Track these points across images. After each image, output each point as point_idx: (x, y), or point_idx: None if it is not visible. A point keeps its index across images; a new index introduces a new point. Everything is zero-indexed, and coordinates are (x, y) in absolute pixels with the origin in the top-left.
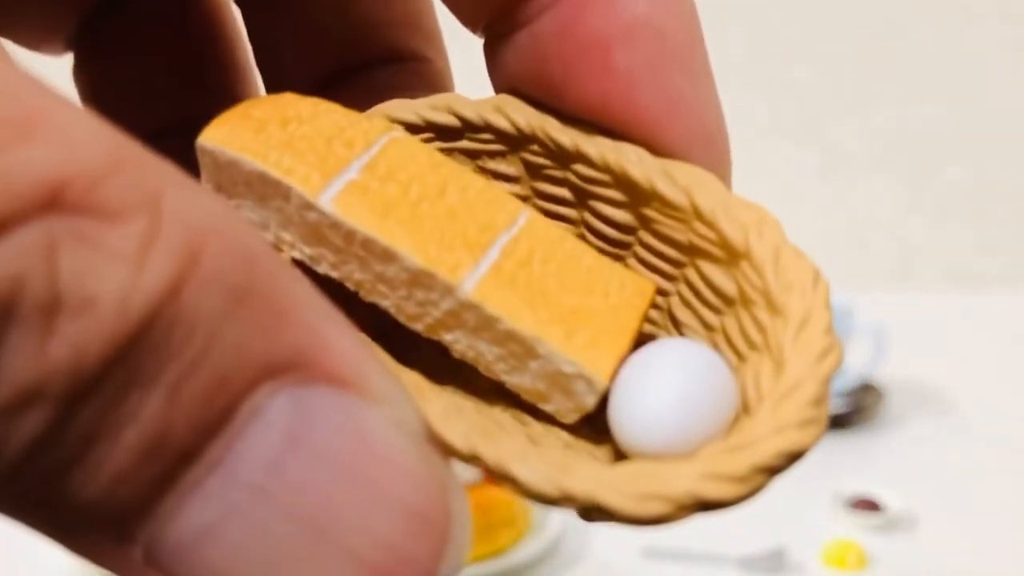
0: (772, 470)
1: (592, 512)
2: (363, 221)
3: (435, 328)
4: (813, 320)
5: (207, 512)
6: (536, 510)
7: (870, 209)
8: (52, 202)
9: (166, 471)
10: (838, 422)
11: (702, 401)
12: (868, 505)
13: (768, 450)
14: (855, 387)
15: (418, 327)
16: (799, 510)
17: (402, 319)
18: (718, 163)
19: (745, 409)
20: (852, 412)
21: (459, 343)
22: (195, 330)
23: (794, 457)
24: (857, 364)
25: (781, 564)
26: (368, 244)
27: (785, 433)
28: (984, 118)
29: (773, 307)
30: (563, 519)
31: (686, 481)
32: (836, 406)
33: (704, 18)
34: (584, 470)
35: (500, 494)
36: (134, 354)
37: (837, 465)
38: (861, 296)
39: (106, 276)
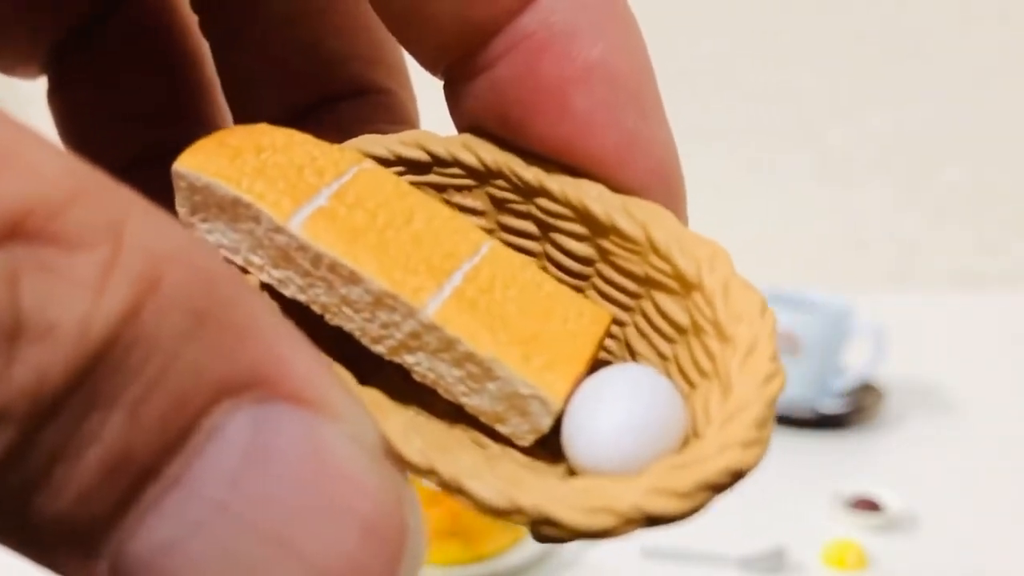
0: (716, 487)
1: (541, 525)
2: (330, 245)
3: (397, 350)
4: (759, 347)
5: (169, 528)
6: None
7: (869, 210)
8: (14, 231)
9: (128, 489)
10: (838, 422)
11: (651, 423)
12: (868, 505)
13: (712, 468)
14: (855, 387)
15: (381, 349)
16: (799, 510)
17: (366, 341)
18: (673, 198)
19: (695, 433)
20: (852, 412)
21: (420, 365)
22: (154, 352)
23: (737, 475)
24: (857, 364)
25: (781, 564)
26: (334, 267)
27: (729, 452)
28: (982, 119)
29: (722, 336)
30: None
31: (633, 496)
32: (836, 406)
33: (702, 21)
34: (535, 485)
35: None
36: (94, 376)
37: (837, 465)
38: (861, 297)
39: (67, 302)
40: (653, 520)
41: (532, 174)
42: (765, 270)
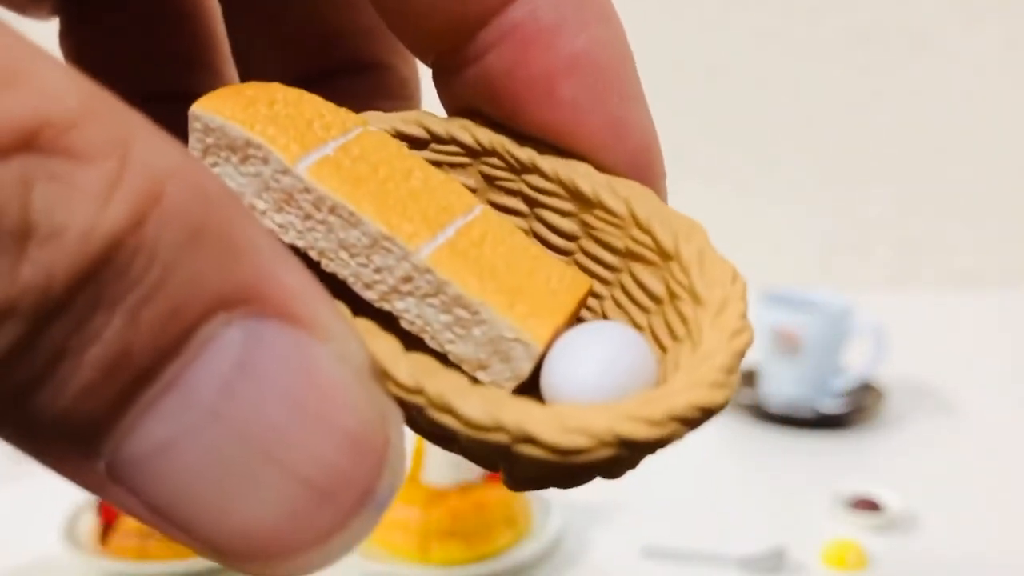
0: (685, 420)
1: (521, 443)
2: (333, 188)
3: (388, 296)
4: (730, 307)
5: (163, 429)
6: (536, 510)
7: (870, 210)
8: (28, 143)
9: (126, 389)
10: (838, 422)
11: (625, 368)
12: (868, 505)
13: (682, 401)
14: (855, 387)
15: (372, 296)
16: (799, 510)
17: (358, 288)
18: (654, 177)
19: (666, 382)
20: (852, 412)
21: (409, 312)
22: (154, 261)
23: (705, 411)
24: (857, 364)
25: (781, 564)
26: (335, 209)
27: (698, 389)
28: (984, 119)
29: (696, 299)
30: (563, 519)
31: (607, 420)
32: (836, 406)
33: (703, 20)
34: (517, 405)
35: (500, 495)
36: (97, 280)
37: (837, 465)
38: (861, 296)
39: (74, 209)
40: (626, 444)
41: (525, 153)
42: (765, 270)
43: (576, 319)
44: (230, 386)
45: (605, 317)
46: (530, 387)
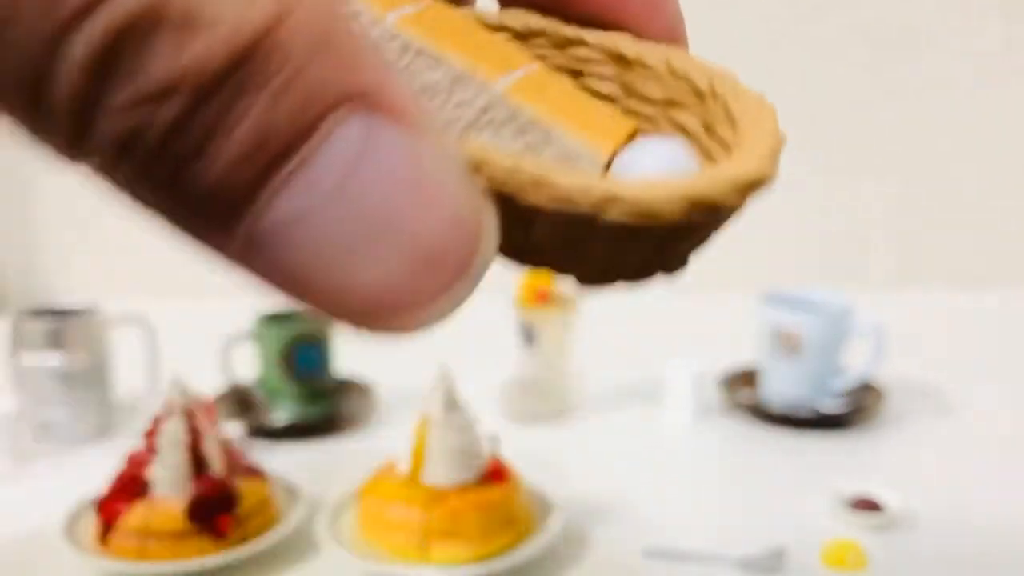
0: (743, 187)
1: (608, 203)
2: (417, 35)
3: (467, 129)
4: (765, 118)
5: (297, 202)
6: (537, 511)
7: (870, 210)
8: None
9: (266, 165)
10: (838, 422)
11: (681, 164)
12: (868, 505)
13: (740, 171)
14: (855, 387)
15: (451, 132)
16: (799, 510)
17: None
18: (685, 44)
19: None
20: (852, 412)
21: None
22: (289, 58)
23: (757, 182)
24: (857, 364)
25: (781, 564)
26: (421, 52)
27: (751, 162)
28: (985, 119)
29: (733, 123)
30: (564, 520)
31: (681, 184)
32: (836, 406)
33: (705, 20)
34: (605, 181)
35: (501, 494)
36: (245, 67)
37: (837, 465)
38: (861, 296)
39: (226, 6)
40: (697, 204)
41: (570, 31)
42: (766, 270)
43: (627, 140)
44: (353, 167)
45: None
46: None
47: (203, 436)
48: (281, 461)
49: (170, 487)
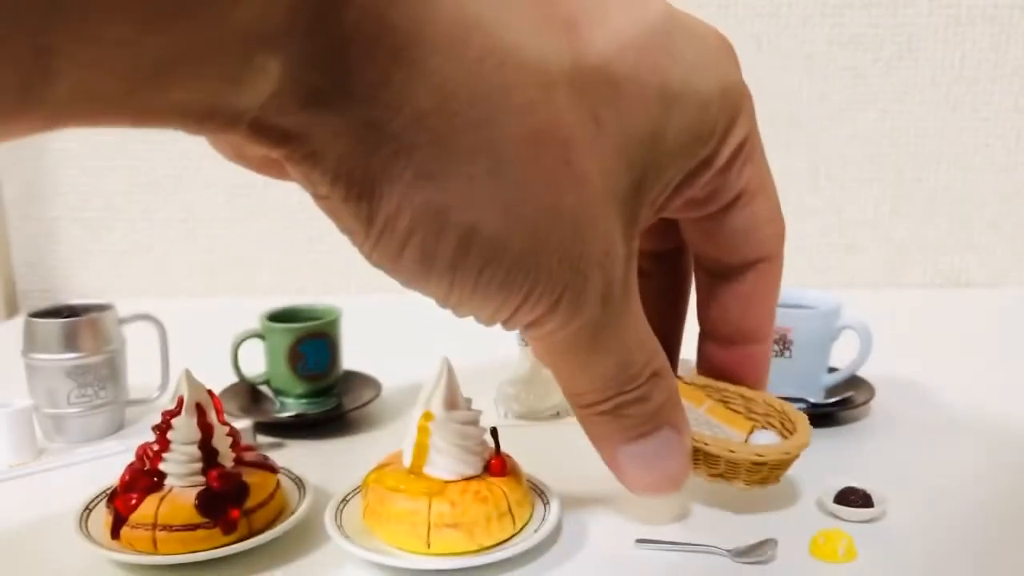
0: (797, 450)
1: (746, 455)
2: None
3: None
4: (803, 426)
5: (635, 450)
6: (535, 503)
7: (859, 211)
8: (647, 377)
9: (634, 430)
10: (828, 418)
11: (774, 441)
12: (858, 499)
13: (796, 444)
14: (844, 383)
15: None
16: (790, 503)
17: None
18: (764, 379)
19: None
20: (842, 408)
21: (696, 427)
22: (656, 395)
23: (802, 448)
24: (847, 361)
25: (771, 556)
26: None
27: (799, 443)
28: (970, 123)
29: (794, 426)
30: (561, 512)
31: (781, 447)
32: (827, 402)
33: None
34: (745, 445)
35: (501, 487)
36: (652, 383)
37: (827, 460)
38: (851, 294)
39: (653, 397)
40: (789, 455)
41: (720, 385)
42: None
43: (751, 432)
44: (663, 443)
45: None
46: None
47: (213, 431)
48: (289, 454)
49: (181, 480)
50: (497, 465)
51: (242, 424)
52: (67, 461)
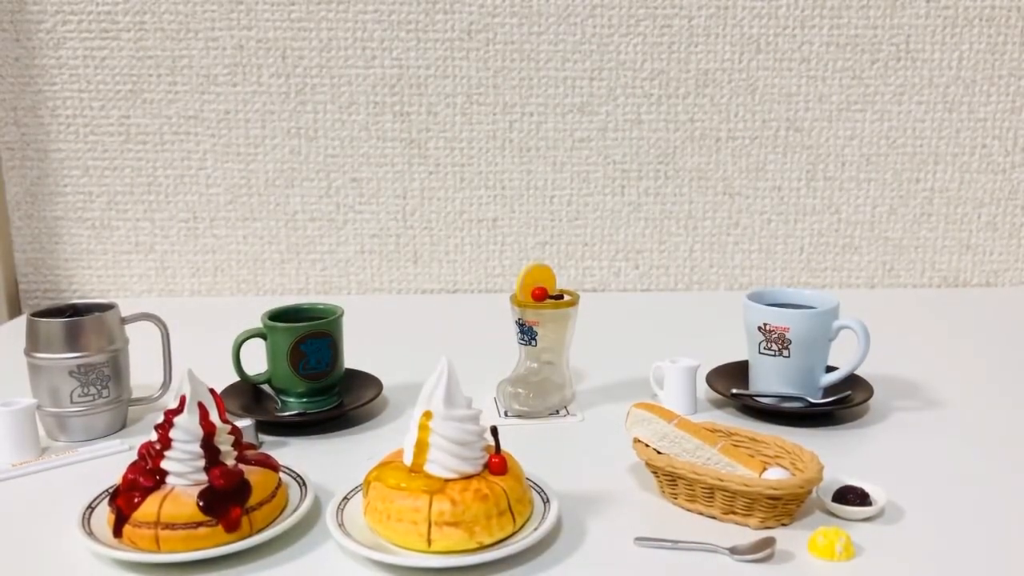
0: (807, 484)
1: (756, 488)
2: (684, 432)
3: (704, 464)
4: (813, 464)
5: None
6: (535, 502)
7: (856, 211)
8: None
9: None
10: (826, 417)
11: (786, 475)
12: (857, 497)
13: (805, 479)
14: (843, 382)
15: (693, 459)
16: None
17: (686, 456)
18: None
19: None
20: (840, 407)
21: (710, 465)
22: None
23: (812, 483)
24: (845, 359)
25: (770, 555)
26: (685, 437)
27: (809, 478)
28: (965, 125)
29: (804, 463)
30: (561, 510)
31: (791, 481)
32: (825, 401)
33: (695, 30)
34: (758, 479)
35: (501, 486)
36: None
37: (826, 458)
38: (848, 294)
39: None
40: (803, 489)
41: (732, 430)
42: (754, 270)
43: (763, 470)
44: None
45: (765, 467)
46: None
47: (215, 429)
48: (290, 453)
49: (183, 479)
50: (497, 464)
51: (244, 423)
52: (70, 460)
